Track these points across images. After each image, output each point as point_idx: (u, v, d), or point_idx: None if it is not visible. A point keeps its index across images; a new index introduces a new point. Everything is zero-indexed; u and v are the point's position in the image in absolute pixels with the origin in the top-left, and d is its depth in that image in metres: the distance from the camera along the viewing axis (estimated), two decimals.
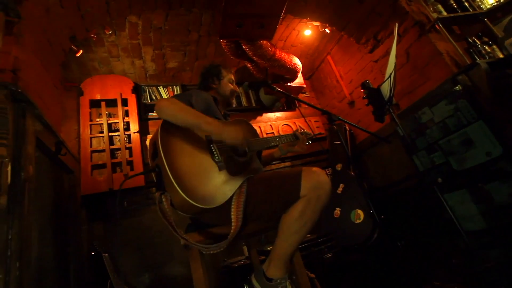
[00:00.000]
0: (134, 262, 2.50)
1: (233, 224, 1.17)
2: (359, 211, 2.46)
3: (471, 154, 1.86)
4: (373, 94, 1.51)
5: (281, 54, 3.05)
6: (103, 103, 2.91)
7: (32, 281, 1.16)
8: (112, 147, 2.78)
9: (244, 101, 3.67)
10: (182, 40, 3.15)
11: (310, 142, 1.72)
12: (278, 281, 1.19)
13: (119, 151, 2.79)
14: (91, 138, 2.76)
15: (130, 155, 2.79)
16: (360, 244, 2.35)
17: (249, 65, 3.23)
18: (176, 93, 3.47)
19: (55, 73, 1.90)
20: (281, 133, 3.52)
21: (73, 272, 1.66)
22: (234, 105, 1.76)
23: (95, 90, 2.94)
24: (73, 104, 2.94)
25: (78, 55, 2.57)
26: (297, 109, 3.71)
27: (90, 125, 2.81)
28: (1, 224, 0.98)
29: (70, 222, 1.77)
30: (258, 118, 3.56)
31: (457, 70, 2.07)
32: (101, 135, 2.81)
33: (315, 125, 3.70)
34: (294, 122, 3.64)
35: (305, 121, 3.42)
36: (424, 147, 2.18)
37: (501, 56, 2.12)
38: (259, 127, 3.46)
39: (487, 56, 2.11)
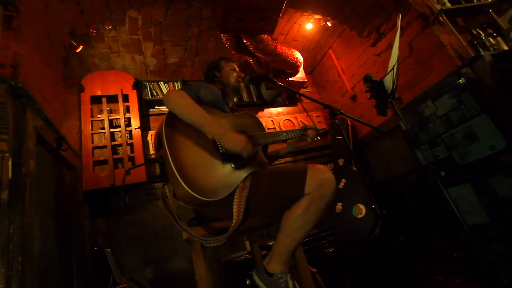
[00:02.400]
0: (137, 257, 2.52)
1: (234, 218, 1.17)
2: (361, 206, 2.46)
3: (475, 148, 1.84)
4: (375, 87, 1.49)
5: (282, 49, 3.02)
6: (104, 99, 2.91)
7: (34, 275, 1.17)
8: (113, 143, 2.78)
9: (245, 96, 3.66)
10: (182, 35, 3.13)
11: (319, 137, 1.69)
12: (279, 275, 1.19)
13: (121, 147, 2.80)
14: (92, 134, 2.76)
15: (132, 151, 2.79)
16: (362, 238, 2.35)
17: (250, 60, 3.21)
18: (177, 89, 3.46)
19: (56, 69, 1.90)
20: (283, 128, 3.51)
21: (75, 267, 1.67)
22: (241, 95, 1.73)
23: (96, 86, 2.93)
24: (74, 101, 2.94)
25: (78, 50, 2.56)
26: (299, 103, 3.69)
27: (92, 121, 2.81)
28: (2, 219, 0.99)
29: (73, 217, 1.78)
30: (260, 113, 3.55)
31: (461, 62, 2.04)
32: (102, 131, 2.81)
33: (316, 120, 3.68)
34: (296, 117, 3.62)
35: (308, 115, 3.40)
36: (426, 141, 2.16)
37: (506, 48, 2.08)
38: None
39: (491, 48, 2.08)
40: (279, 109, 3.67)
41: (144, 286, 2.41)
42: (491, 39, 2.11)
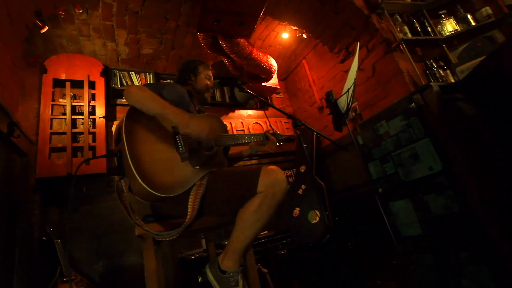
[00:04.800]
0: (89, 250, 2.45)
1: (188, 213, 1.21)
2: (316, 212, 2.61)
3: (417, 168, 2.04)
4: (331, 105, 1.61)
5: (257, 54, 3.10)
6: (68, 84, 2.78)
7: None
8: (74, 130, 2.67)
9: (218, 96, 3.69)
10: (159, 28, 3.08)
11: (281, 143, 1.77)
12: (231, 274, 1.24)
13: (82, 135, 2.69)
14: (51, 119, 2.63)
15: (94, 140, 2.69)
16: (314, 242, 2.50)
17: (225, 61, 3.24)
18: (149, 81, 3.40)
19: (16, 49, 1.80)
20: (252, 131, 3.59)
21: (18, 256, 1.60)
22: (208, 101, 1.78)
23: (61, 69, 2.80)
24: (35, 82, 2.78)
25: (43, 31, 2.43)
26: (270, 108, 3.79)
27: (52, 105, 2.68)
28: None
29: (20, 206, 1.70)
30: (230, 114, 3.60)
31: (414, 89, 2.26)
32: (63, 116, 2.69)
33: (285, 126, 3.81)
34: (265, 122, 3.72)
35: (269, 123, 3.51)
36: (378, 157, 2.35)
37: (453, 81, 2.33)
38: (230, 123, 3.50)
39: (440, 80, 2.32)
40: (250, 112, 3.75)
41: (93, 279, 2.35)
42: (441, 71, 2.35)
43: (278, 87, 3.63)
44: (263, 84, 3.47)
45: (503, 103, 1.73)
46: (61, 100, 2.76)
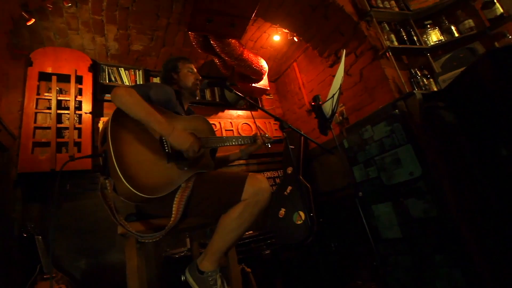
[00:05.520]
0: (72, 247, 2.42)
1: (172, 216, 1.22)
2: (301, 213, 2.65)
3: (398, 172, 2.11)
4: (316, 110, 1.65)
5: (248, 55, 3.11)
6: (54, 77, 2.73)
7: None
8: (59, 125, 2.62)
9: (208, 96, 3.68)
10: (150, 24, 3.06)
11: (269, 145, 1.79)
12: (209, 274, 1.27)
13: (67, 131, 2.65)
14: (36, 113, 2.57)
15: (79, 136, 2.65)
16: (298, 243, 2.54)
17: (216, 60, 3.25)
18: (138, 77, 3.37)
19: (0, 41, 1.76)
20: (241, 131, 3.61)
21: None
22: (197, 98, 1.76)
23: (47, 62, 2.74)
24: (20, 74, 2.71)
25: (29, 23, 2.38)
26: (258, 110, 3.82)
27: (37, 99, 2.62)
28: None
29: None
30: (220, 113, 3.61)
31: (398, 96, 2.32)
32: (48, 111, 2.64)
33: (274, 127, 3.84)
34: (255, 122, 3.74)
35: (256, 125, 3.54)
36: (363, 160, 2.41)
37: (435, 89, 2.42)
38: (219, 122, 3.51)
39: (423, 88, 2.40)
40: (240, 112, 3.76)
41: (75, 277, 2.32)
42: (425, 80, 2.43)
43: (268, 88, 3.66)
44: (253, 85, 3.49)
45: (480, 113, 1.81)
46: (46, 94, 2.71)
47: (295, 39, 3.40)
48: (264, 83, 3.57)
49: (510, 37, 2.27)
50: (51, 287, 1.90)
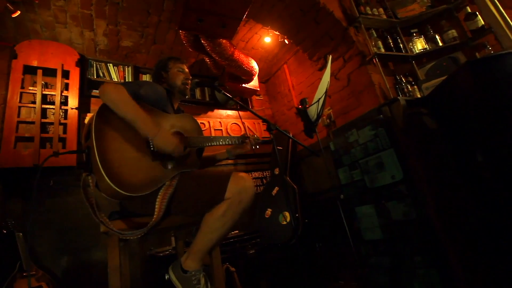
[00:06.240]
0: (53, 244, 2.38)
1: (155, 214, 1.22)
2: (287, 214, 2.69)
3: (381, 176, 2.17)
4: (302, 113, 1.68)
5: (239, 56, 3.13)
6: (39, 71, 2.67)
7: None
8: (44, 120, 2.57)
9: (198, 95, 3.68)
10: (140, 21, 3.03)
11: (257, 146, 1.80)
12: (193, 273, 1.27)
13: (52, 126, 2.60)
14: (19, 107, 2.52)
15: (64, 132, 2.61)
16: (283, 243, 2.57)
17: (207, 60, 3.25)
18: (127, 74, 3.33)
19: None
20: (230, 131, 3.62)
21: None
22: (187, 96, 1.76)
23: (32, 55, 2.68)
24: (4, 67, 2.65)
25: (14, 15, 2.32)
26: (248, 111, 3.84)
27: (21, 92, 2.56)
28: None
29: None
30: (209, 113, 3.61)
31: (383, 101, 2.39)
32: (32, 105, 2.58)
33: (263, 128, 3.87)
34: (243, 122, 3.76)
35: (244, 126, 3.56)
36: (348, 163, 2.46)
37: (419, 96, 2.50)
38: (209, 122, 3.51)
39: (407, 94, 2.47)
40: (229, 112, 3.78)
41: (56, 275, 2.29)
42: (409, 86, 2.51)
43: (259, 89, 3.68)
44: (244, 85, 3.51)
45: (459, 120, 1.88)
46: (31, 88, 2.65)
47: (286, 41, 3.43)
48: (254, 83, 3.60)
49: (490, 48, 2.37)
50: (29, 285, 1.87)
